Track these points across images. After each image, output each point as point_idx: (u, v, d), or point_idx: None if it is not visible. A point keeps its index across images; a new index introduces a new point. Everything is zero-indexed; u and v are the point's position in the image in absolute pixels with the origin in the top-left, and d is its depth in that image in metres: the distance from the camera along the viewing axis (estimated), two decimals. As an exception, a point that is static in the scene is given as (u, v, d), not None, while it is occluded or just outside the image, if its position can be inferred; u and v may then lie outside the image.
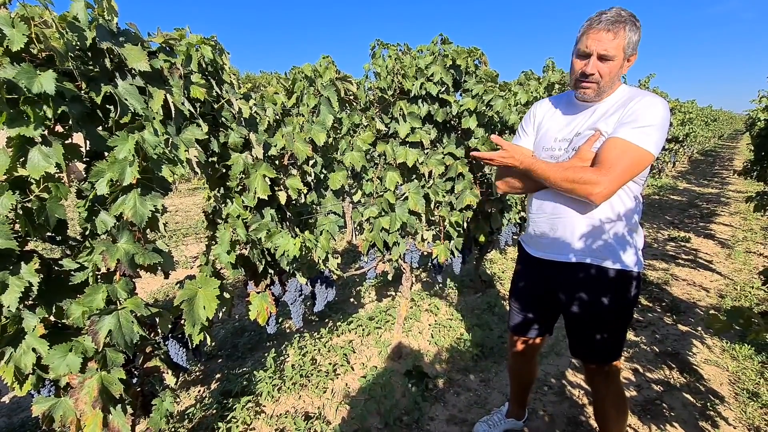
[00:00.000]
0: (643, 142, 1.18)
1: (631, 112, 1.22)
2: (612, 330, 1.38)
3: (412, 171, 2.24)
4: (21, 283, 0.96)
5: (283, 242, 1.51)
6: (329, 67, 1.87)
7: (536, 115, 1.48)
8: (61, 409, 1.10)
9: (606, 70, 1.23)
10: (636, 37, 1.21)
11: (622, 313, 1.37)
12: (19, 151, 0.93)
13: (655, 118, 1.19)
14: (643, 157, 1.19)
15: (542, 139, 1.42)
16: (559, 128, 1.38)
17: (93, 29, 0.99)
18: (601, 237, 1.31)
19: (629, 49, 1.22)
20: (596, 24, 1.21)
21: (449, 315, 3.14)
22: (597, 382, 1.52)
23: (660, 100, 1.22)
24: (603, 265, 1.32)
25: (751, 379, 2.29)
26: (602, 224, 1.30)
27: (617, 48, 1.20)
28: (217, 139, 1.40)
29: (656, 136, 1.19)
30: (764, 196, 3.47)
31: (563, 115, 1.39)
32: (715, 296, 3.46)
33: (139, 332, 1.09)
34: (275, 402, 2.18)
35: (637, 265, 1.34)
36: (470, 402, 2.16)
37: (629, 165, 1.19)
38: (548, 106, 1.47)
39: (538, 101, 1.53)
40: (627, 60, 1.24)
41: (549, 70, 3.09)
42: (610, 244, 1.31)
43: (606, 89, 1.28)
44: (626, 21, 1.20)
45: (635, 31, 1.21)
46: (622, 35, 1.19)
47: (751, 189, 8.20)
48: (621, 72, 1.26)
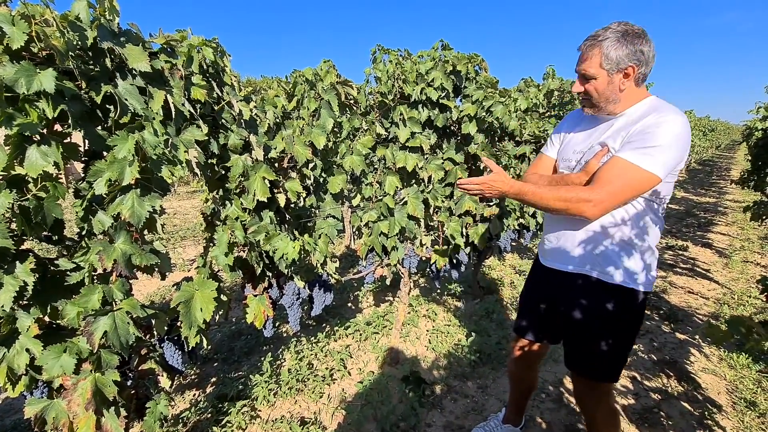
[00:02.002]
0: (644, 163, 1.16)
1: (638, 130, 1.19)
2: (607, 346, 1.33)
3: (412, 176, 2.24)
4: (16, 283, 0.95)
5: (282, 245, 1.51)
6: (330, 71, 1.87)
7: (564, 125, 1.50)
8: (53, 411, 1.08)
9: (592, 89, 1.25)
10: (620, 52, 1.18)
11: (618, 330, 1.32)
12: (16, 149, 0.92)
13: (663, 138, 1.15)
14: (643, 178, 1.17)
15: (564, 149, 1.44)
16: (580, 140, 1.39)
17: (94, 29, 0.99)
18: (602, 249, 1.29)
19: (610, 64, 1.20)
20: (580, 45, 1.26)
21: (447, 321, 3.13)
22: (585, 397, 1.49)
23: (674, 117, 1.18)
24: (602, 278, 1.30)
25: (748, 388, 2.28)
26: (606, 238, 1.28)
27: (593, 66, 1.22)
28: (216, 141, 1.40)
29: (662, 156, 1.15)
30: (761, 206, 3.48)
31: (585, 128, 1.40)
32: (713, 305, 3.46)
33: (134, 334, 1.07)
34: (271, 406, 2.16)
35: (644, 285, 1.29)
36: (467, 408, 2.14)
37: (626, 185, 1.18)
38: (575, 117, 1.47)
39: (571, 112, 1.54)
40: (617, 74, 1.21)
41: (549, 77, 3.11)
42: (612, 258, 1.28)
43: (604, 105, 1.27)
44: (604, 39, 1.19)
45: (617, 46, 1.18)
46: (596, 53, 1.20)
47: (748, 198, 8.24)
48: (614, 88, 1.23)
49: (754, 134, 4.35)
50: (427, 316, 3.20)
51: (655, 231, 1.30)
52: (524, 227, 3.36)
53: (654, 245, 1.31)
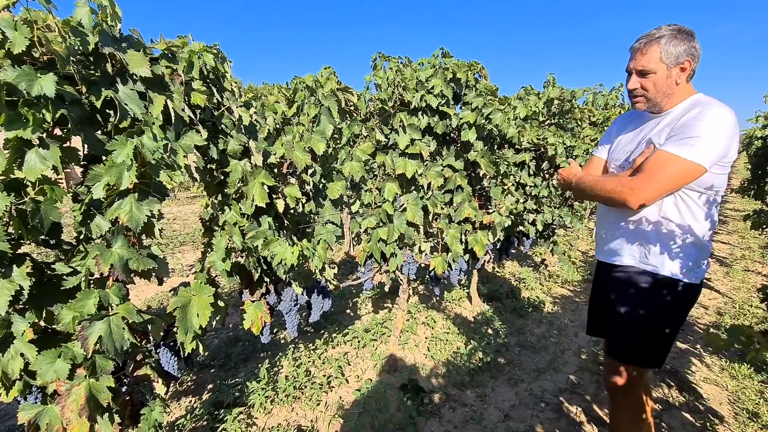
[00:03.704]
0: (687, 153, 1.19)
1: (681, 123, 1.25)
2: (653, 334, 1.37)
3: (411, 182, 2.25)
4: (12, 287, 0.94)
5: (281, 250, 1.50)
6: (330, 78, 1.89)
7: (614, 127, 1.57)
8: (47, 417, 1.07)
9: (650, 84, 1.30)
10: (679, 48, 1.26)
11: (664, 319, 1.36)
12: (16, 152, 0.92)
13: (705, 129, 1.19)
14: (686, 168, 1.20)
15: (614, 150, 1.50)
16: (628, 140, 1.44)
17: (96, 34, 1.00)
18: (650, 241, 1.34)
19: (670, 58, 1.26)
20: (633, 45, 1.33)
21: (446, 328, 3.11)
22: (616, 387, 1.45)
23: (717, 110, 1.22)
24: (648, 269, 1.35)
25: (750, 398, 2.26)
26: (651, 230, 1.33)
27: (653, 61, 1.28)
28: (216, 146, 1.40)
29: (705, 146, 1.18)
30: (761, 215, 3.48)
31: (634, 128, 1.45)
32: (713, 314, 3.44)
33: (129, 339, 1.07)
34: (267, 414, 2.14)
35: (689, 276, 1.33)
36: (466, 418, 2.12)
37: (670, 175, 1.21)
38: (625, 119, 1.53)
39: (621, 114, 1.61)
40: (675, 68, 1.28)
41: (549, 85, 3.13)
42: (659, 250, 1.33)
43: (660, 100, 1.32)
44: (661, 36, 1.27)
45: (675, 42, 1.26)
46: (655, 49, 1.27)
47: (748, 207, 8.23)
48: (671, 81, 1.29)
49: (754, 143, 4.36)
50: (425, 324, 3.18)
51: (705, 224, 1.32)
52: (524, 235, 3.36)
53: (705, 237, 1.33)
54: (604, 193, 1.34)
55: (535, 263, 4.81)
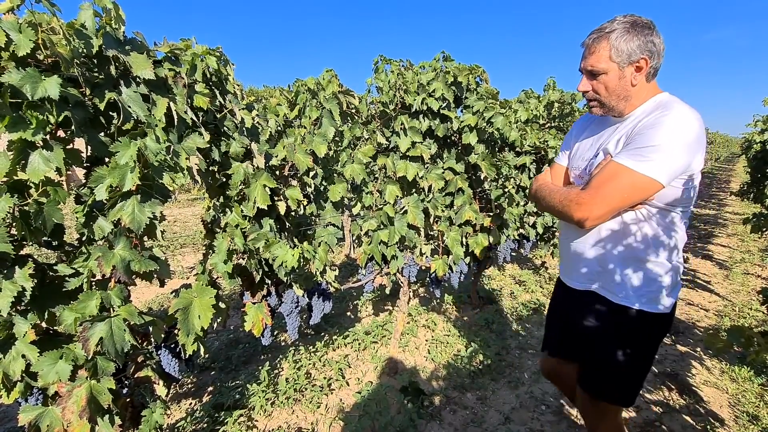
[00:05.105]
0: (638, 166, 1.05)
1: (636, 131, 1.10)
2: (617, 369, 1.24)
3: (412, 185, 2.25)
4: (14, 288, 0.94)
5: (282, 252, 1.50)
6: (332, 81, 1.89)
7: (575, 130, 1.42)
8: (48, 419, 1.07)
9: (601, 87, 1.15)
10: (632, 44, 1.09)
11: (628, 353, 1.22)
12: (19, 154, 0.93)
13: (661, 138, 1.03)
14: (639, 182, 1.05)
15: (574, 157, 1.35)
16: (587, 147, 1.30)
17: (100, 37, 1.00)
18: (610, 266, 1.20)
19: (621, 56, 1.10)
20: (584, 40, 1.17)
21: (446, 331, 3.11)
22: (588, 416, 1.41)
23: (678, 115, 1.05)
24: (609, 297, 1.21)
25: (750, 401, 2.26)
26: (614, 252, 1.18)
27: (602, 60, 1.12)
28: (218, 148, 1.40)
29: (661, 158, 1.03)
30: (761, 218, 3.48)
31: (593, 133, 1.30)
32: (714, 317, 3.44)
33: (130, 341, 1.07)
34: (268, 416, 2.13)
35: (652, 306, 1.16)
36: (466, 420, 2.12)
37: (619, 190, 1.07)
38: (585, 122, 1.39)
39: (582, 116, 1.44)
40: (628, 67, 1.11)
41: (549, 89, 3.14)
42: (620, 276, 1.18)
43: (615, 104, 1.16)
44: (611, 30, 1.10)
45: (627, 37, 1.09)
46: (604, 46, 1.11)
47: (748, 210, 8.24)
48: (626, 83, 1.13)
49: (753, 147, 4.37)
50: (426, 326, 3.18)
51: (670, 245, 1.16)
52: (524, 237, 3.36)
53: (672, 260, 1.17)
54: (553, 206, 1.20)
55: (535, 266, 4.81)
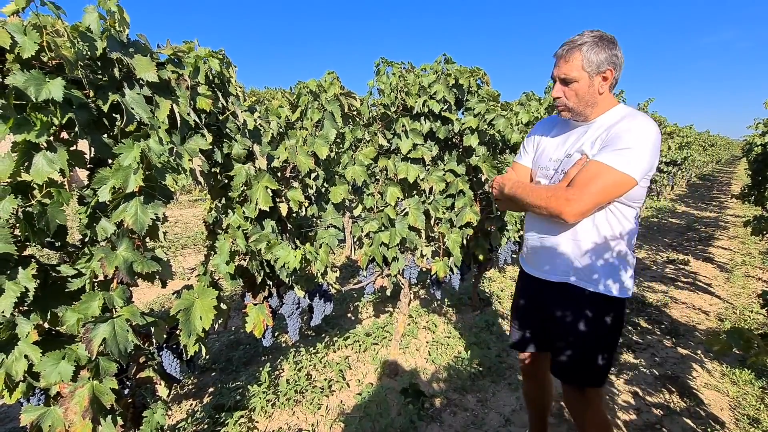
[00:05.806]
0: (619, 164, 1.17)
1: (612, 134, 1.22)
2: (590, 353, 1.34)
3: (413, 187, 2.25)
4: (17, 288, 0.95)
5: (284, 254, 1.51)
6: (334, 83, 1.90)
7: (536, 133, 1.52)
8: (50, 419, 1.07)
9: (572, 92, 1.27)
10: (600, 56, 1.22)
11: (602, 337, 1.34)
12: (23, 155, 0.93)
13: (635, 141, 1.18)
14: (619, 179, 1.18)
15: (539, 158, 1.45)
16: (554, 148, 1.40)
17: (104, 39, 1.01)
18: (584, 258, 1.31)
19: (591, 67, 1.23)
20: (557, 51, 1.30)
21: (447, 333, 3.11)
22: (574, 407, 1.47)
23: (645, 123, 1.21)
24: (584, 287, 1.32)
25: (751, 404, 2.26)
26: (587, 246, 1.30)
27: (575, 69, 1.24)
28: (221, 150, 1.41)
29: (636, 158, 1.17)
30: (762, 220, 3.48)
31: (559, 135, 1.41)
32: (714, 320, 3.43)
33: (133, 341, 1.07)
34: (268, 418, 2.13)
35: (621, 291, 1.31)
36: (467, 422, 2.11)
37: (602, 186, 1.19)
38: (547, 125, 1.49)
39: (541, 120, 1.55)
40: (597, 76, 1.25)
41: (550, 91, 3.14)
42: (593, 267, 1.30)
43: (583, 109, 1.29)
44: (582, 43, 1.23)
45: (596, 50, 1.22)
46: (577, 56, 1.23)
47: (748, 213, 8.24)
48: (594, 90, 1.26)
49: (754, 149, 4.37)
50: (426, 328, 3.18)
51: (630, 236, 1.31)
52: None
53: (632, 251, 1.33)
54: (535, 204, 1.29)
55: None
